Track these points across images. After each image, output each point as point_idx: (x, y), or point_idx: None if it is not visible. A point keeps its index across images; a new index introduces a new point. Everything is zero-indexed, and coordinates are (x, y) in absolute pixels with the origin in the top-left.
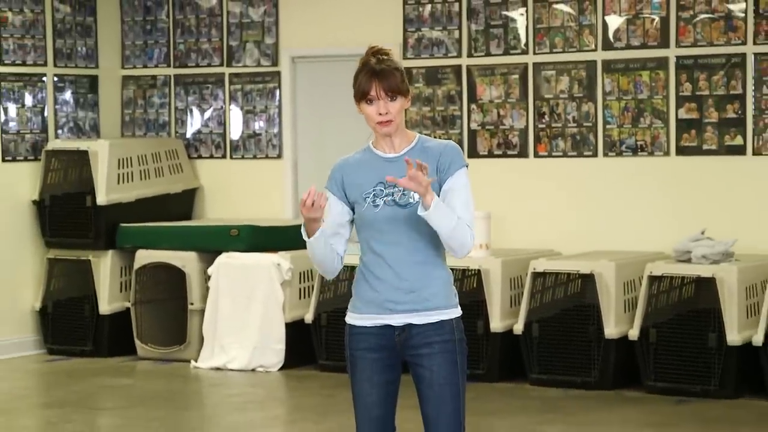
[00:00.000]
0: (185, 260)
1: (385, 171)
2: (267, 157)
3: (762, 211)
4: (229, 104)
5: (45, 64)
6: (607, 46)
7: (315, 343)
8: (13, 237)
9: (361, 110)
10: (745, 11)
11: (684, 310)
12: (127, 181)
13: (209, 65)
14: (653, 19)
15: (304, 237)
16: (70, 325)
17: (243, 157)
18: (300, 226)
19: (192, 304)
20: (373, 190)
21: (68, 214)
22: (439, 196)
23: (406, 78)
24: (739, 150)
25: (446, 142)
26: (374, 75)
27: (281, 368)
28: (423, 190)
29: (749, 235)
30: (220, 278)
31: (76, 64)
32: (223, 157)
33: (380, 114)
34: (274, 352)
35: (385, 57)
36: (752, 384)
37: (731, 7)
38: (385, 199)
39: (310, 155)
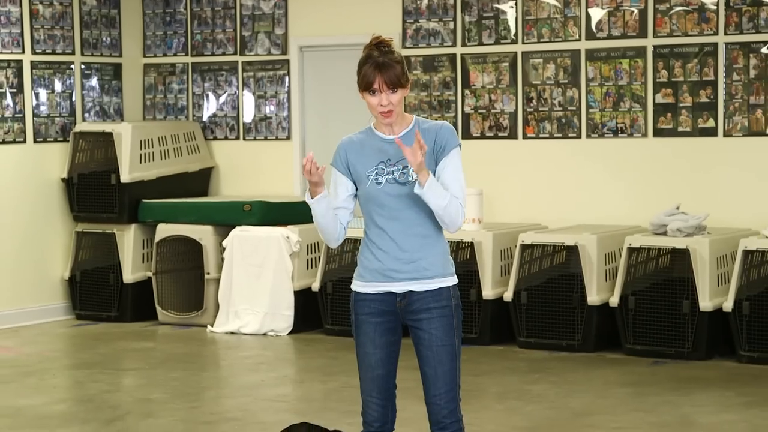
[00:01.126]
0: (202, 233)
1: (386, 151)
2: (277, 138)
3: (732, 188)
4: (242, 90)
5: (73, 53)
6: (590, 36)
7: (321, 309)
8: (44, 212)
9: (365, 99)
10: (717, 4)
11: (660, 279)
12: (149, 161)
13: (224, 54)
14: (632, 11)
15: (307, 199)
16: (96, 292)
17: (255, 139)
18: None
19: (208, 273)
20: (375, 169)
21: (94, 191)
22: (435, 173)
23: (406, 69)
24: (711, 132)
25: (441, 123)
26: (377, 68)
27: (290, 332)
28: (416, 167)
29: (720, 210)
30: (234, 250)
31: (102, 53)
32: (237, 138)
33: (382, 105)
34: (284, 318)
35: (387, 49)
36: (722, 347)
37: (704, 0)
38: (386, 177)
39: (317, 136)
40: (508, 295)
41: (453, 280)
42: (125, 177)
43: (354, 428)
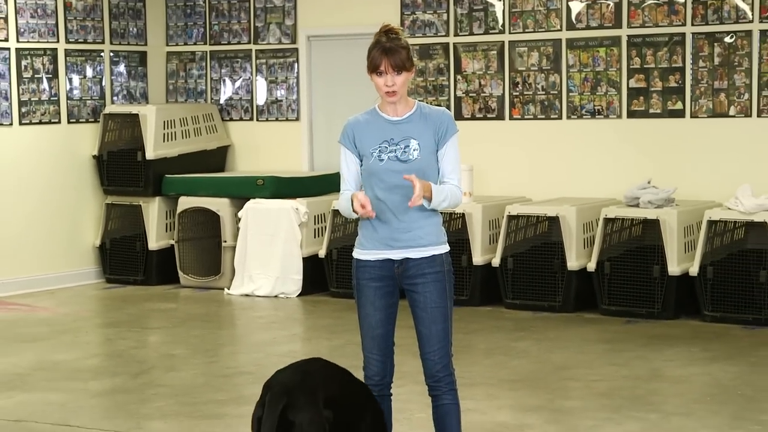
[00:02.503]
0: (219, 205)
1: (389, 131)
2: (287, 119)
3: (698, 164)
4: (256, 75)
5: (102, 42)
6: (570, 27)
7: (327, 274)
8: (77, 186)
9: (372, 80)
10: None
11: (633, 246)
12: (171, 140)
13: (239, 43)
14: (609, 4)
15: (351, 213)
16: (124, 259)
17: (267, 120)
18: (316, 177)
19: (225, 241)
20: (379, 147)
21: (122, 167)
22: (437, 153)
23: (412, 54)
24: (679, 113)
25: (441, 110)
26: (384, 52)
27: (299, 295)
28: (422, 200)
29: (687, 184)
30: (249, 220)
31: (129, 42)
32: (251, 119)
33: (387, 85)
34: (293, 282)
35: (395, 36)
36: (688, 307)
37: None
38: (389, 154)
39: (323, 117)
40: (495, 261)
41: (445, 248)
42: (150, 154)
43: None
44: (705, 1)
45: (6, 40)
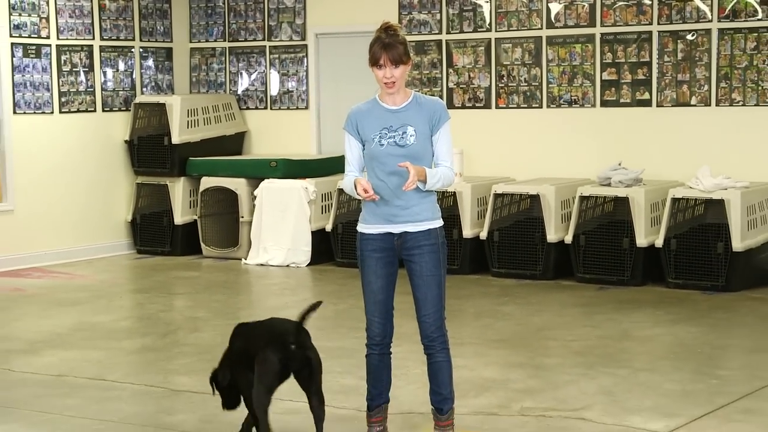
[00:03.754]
0: (237, 184)
1: (388, 119)
2: (297, 108)
3: (663, 148)
4: (269, 69)
5: (133, 39)
6: (550, 25)
7: (333, 245)
8: (110, 168)
9: (373, 72)
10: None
11: (605, 221)
12: (194, 126)
13: (254, 40)
14: (584, 5)
15: (356, 195)
16: (152, 232)
17: (279, 109)
18: (323, 159)
19: (242, 217)
20: (379, 133)
21: (151, 151)
22: (432, 138)
23: (409, 49)
24: (647, 103)
25: (435, 100)
26: (384, 47)
27: (308, 264)
28: (416, 183)
29: (653, 166)
30: (263, 198)
31: (156, 39)
32: (265, 108)
33: (386, 77)
34: (303, 253)
35: (393, 32)
36: (654, 275)
37: None
38: (388, 140)
39: (329, 106)
40: (483, 235)
41: (440, 223)
42: (175, 139)
43: (360, 341)
44: (669, 3)
45: (48, 37)
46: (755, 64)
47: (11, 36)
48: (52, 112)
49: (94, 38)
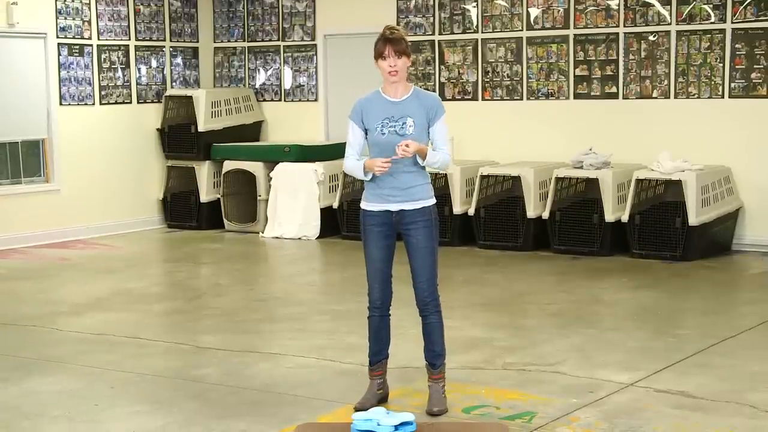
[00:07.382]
0: (255, 167)
1: (390, 110)
2: (308, 100)
3: (628, 135)
4: (283, 66)
5: (164, 40)
6: (529, 27)
7: (339, 221)
8: (145, 153)
9: (378, 65)
10: (619, 4)
11: (578, 199)
12: (218, 116)
13: (270, 40)
14: (559, 10)
15: (363, 176)
16: (181, 209)
17: (292, 101)
18: (331, 145)
19: (260, 195)
20: (381, 123)
21: (180, 138)
22: (429, 131)
23: (409, 44)
24: (614, 96)
25: (433, 95)
26: (388, 41)
27: (317, 237)
28: (413, 156)
29: (621, 151)
30: (278, 179)
31: (184, 39)
32: (280, 100)
33: (390, 66)
34: (313, 227)
35: (396, 31)
36: (620, 246)
37: (609, 2)
38: (389, 129)
39: (336, 99)
40: (471, 211)
41: (433, 201)
42: (201, 127)
43: (363, 305)
44: (634, 8)
45: (90, 38)
46: (708, 62)
47: (58, 37)
48: (94, 104)
49: (130, 39)
